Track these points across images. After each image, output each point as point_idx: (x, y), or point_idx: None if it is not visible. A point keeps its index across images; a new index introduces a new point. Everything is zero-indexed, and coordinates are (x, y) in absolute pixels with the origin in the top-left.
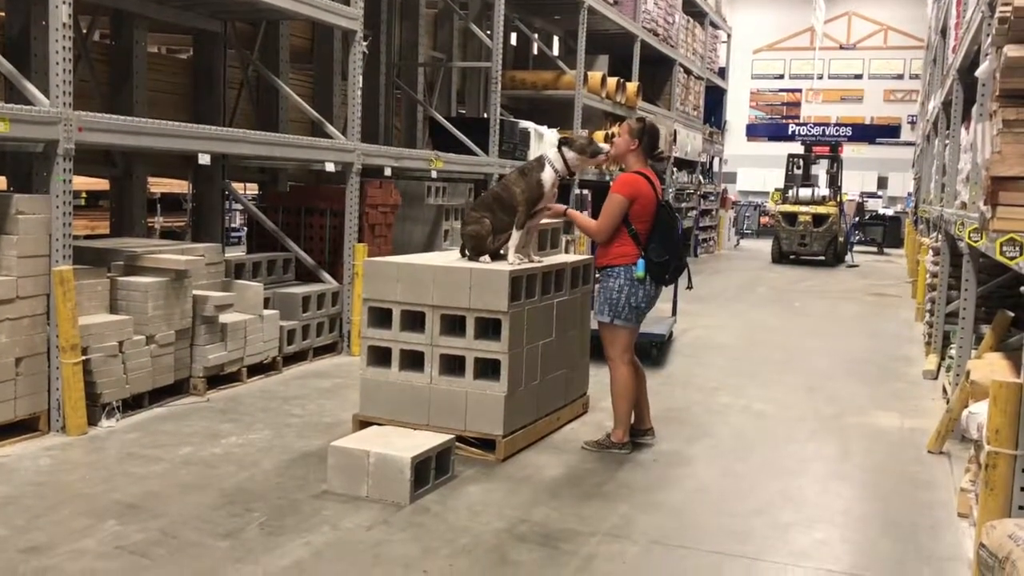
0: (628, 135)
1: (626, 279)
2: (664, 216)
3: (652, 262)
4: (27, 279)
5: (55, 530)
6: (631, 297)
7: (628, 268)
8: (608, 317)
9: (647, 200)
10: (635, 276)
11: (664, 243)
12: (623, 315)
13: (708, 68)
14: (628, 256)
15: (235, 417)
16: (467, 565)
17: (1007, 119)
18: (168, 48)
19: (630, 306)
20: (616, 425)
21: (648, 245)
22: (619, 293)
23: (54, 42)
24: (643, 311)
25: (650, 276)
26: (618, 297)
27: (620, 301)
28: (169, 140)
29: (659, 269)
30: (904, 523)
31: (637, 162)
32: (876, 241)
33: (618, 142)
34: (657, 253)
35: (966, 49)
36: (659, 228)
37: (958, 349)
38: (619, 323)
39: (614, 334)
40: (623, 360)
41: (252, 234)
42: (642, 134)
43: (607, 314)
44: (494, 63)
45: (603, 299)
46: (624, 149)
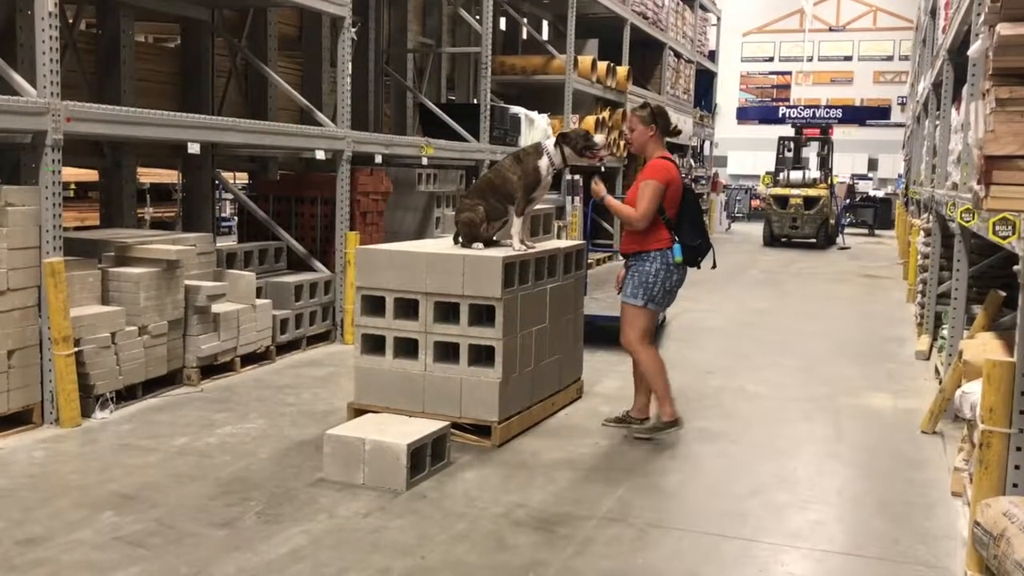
0: (642, 124)
1: (662, 263)
2: (690, 199)
3: (687, 246)
4: (17, 271)
5: (51, 522)
6: (666, 281)
7: (664, 253)
8: (642, 300)
9: (677, 185)
10: (673, 261)
11: (694, 226)
12: (657, 299)
13: (698, 51)
14: (663, 241)
15: (230, 407)
16: (464, 550)
17: (1000, 98)
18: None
19: (664, 290)
20: (661, 405)
21: (679, 229)
22: (655, 277)
23: (40, 32)
24: (674, 295)
25: (684, 260)
26: (654, 281)
27: (656, 285)
28: (158, 129)
29: (693, 252)
30: (898, 503)
31: (658, 147)
32: (867, 223)
33: (634, 136)
34: (690, 236)
35: (956, 29)
36: (687, 211)
37: (950, 329)
38: (652, 307)
39: (639, 317)
40: (644, 343)
41: (243, 223)
42: (654, 118)
43: (641, 297)
44: (483, 48)
45: (637, 283)
46: (643, 139)
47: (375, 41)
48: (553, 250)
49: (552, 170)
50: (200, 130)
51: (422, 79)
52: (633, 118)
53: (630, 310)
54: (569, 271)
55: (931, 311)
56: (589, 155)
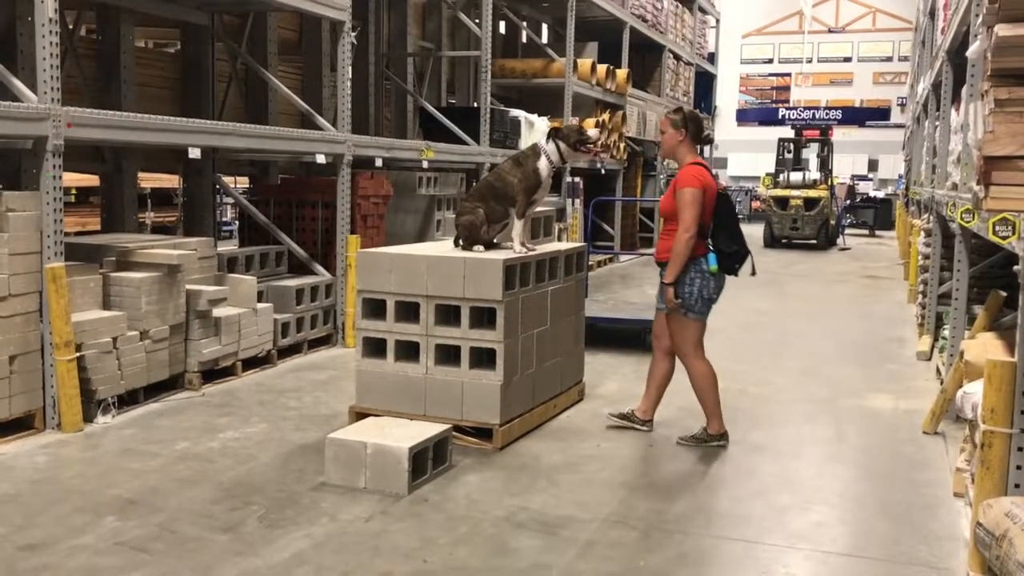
0: (672, 127)
1: (696, 272)
2: (725, 206)
3: (723, 253)
4: (19, 276)
5: (53, 527)
6: (703, 289)
7: (698, 261)
8: (682, 311)
9: (712, 190)
10: (709, 270)
11: (730, 233)
12: (696, 308)
13: (697, 53)
14: (697, 250)
15: (231, 411)
16: (467, 553)
17: (999, 98)
18: (155, 42)
19: (703, 298)
20: (709, 419)
21: (715, 236)
22: (691, 286)
23: (40, 38)
24: (714, 302)
25: (720, 268)
26: (690, 291)
27: (693, 295)
28: (158, 135)
29: (730, 260)
30: (900, 504)
31: (689, 152)
32: (867, 224)
33: (665, 139)
34: (726, 244)
35: (955, 30)
36: (722, 218)
37: (951, 330)
38: (692, 316)
39: (685, 328)
40: (697, 355)
41: (244, 227)
42: (686, 122)
43: (680, 308)
44: (483, 52)
45: (676, 293)
46: (673, 143)
47: (375, 45)
48: (554, 252)
49: (552, 170)
50: (201, 135)
51: (422, 83)
52: (664, 121)
53: (673, 321)
54: (570, 273)
55: (932, 311)
56: (584, 149)
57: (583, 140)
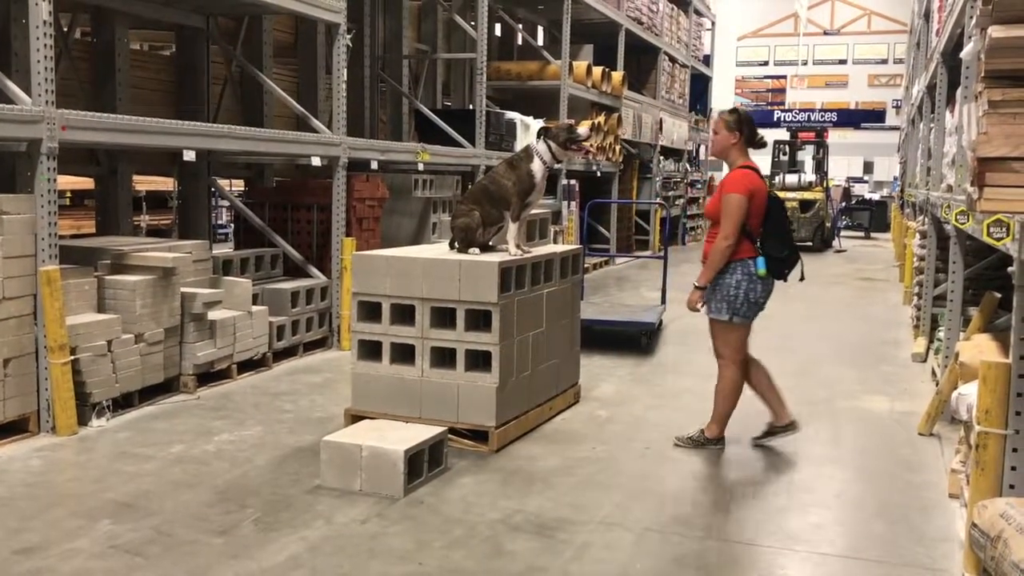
0: (726, 129)
1: (743, 275)
2: (775, 209)
3: (772, 258)
4: (13, 280)
5: (48, 531)
6: (749, 293)
7: (744, 263)
8: (727, 315)
9: (762, 195)
10: (757, 274)
11: (781, 237)
12: (741, 312)
13: (693, 56)
14: (744, 252)
15: (226, 414)
16: (462, 556)
17: (993, 100)
18: (151, 44)
19: (749, 302)
20: (712, 420)
21: (765, 240)
22: (736, 289)
23: (35, 40)
24: (761, 306)
25: (769, 272)
26: (735, 294)
27: (739, 298)
28: (153, 137)
29: (779, 265)
30: (896, 505)
31: (741, 155)
32: (863, 226)
33: (717, 139)
34: (776, 248)
35: (949, 32)
36: (772, 221)
37: (946, 331)
38: (737, 320)
39: (729, 332)
40: (735, 360)
41: (239, 230)
42: (741, 125)
43: (725, 312)
44: (479, 54)
45: (719, 297)
46: (725, 144)
47: (370, 47)
48: (549, 255)
49: (546, 171)
50: (196, 137)
51: (418, 85)
52: (719, 122)
53: (717, 326)
54: (566, 275)
55: (927, 313)
56: (575, 147)
57: (573, 139)
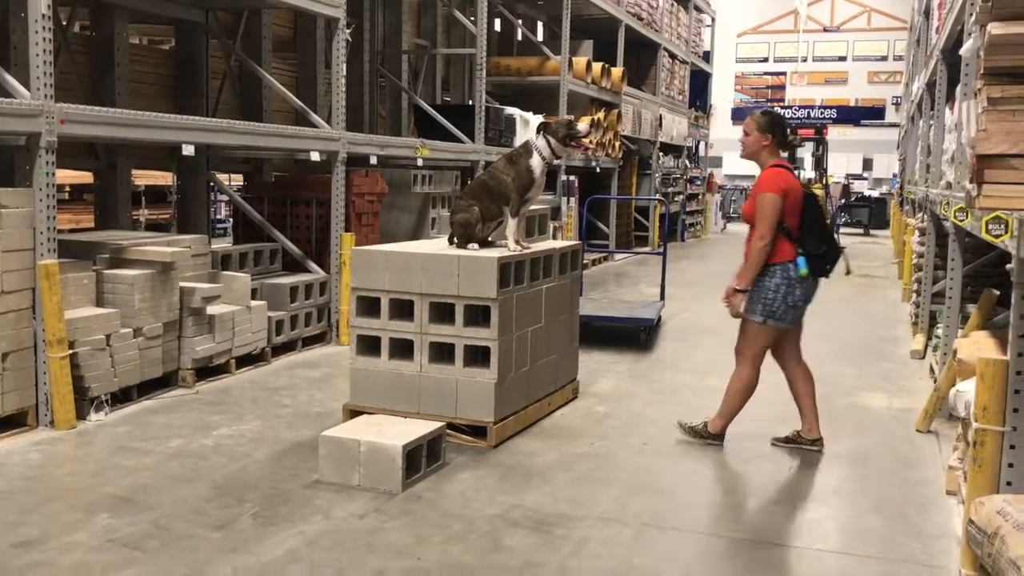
0: (758, 131)
1: (783, 278)
2: (811, 205)
3: (812, 255)
4: (12, 273)
5: (47, 524)
6: (788, 296)
7: (784, 266)
8: (761, 317)
9: (797, 193)
10: (798, 274)
11: (818, 233)
12: (778, 315)
13: (693, 52)
14: (783, 254)
15: (225, 409)
16: (460, 551)
17: (992, 97)
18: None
19: (787, 305)
20: (717, 415)
21: (803, 239)
22: (775, 292)
23: (34, 34)
24: (801, 309)
25: (811, 271)
26: (774, 297)
27: (776, 301)
28: (152, 131)
29: (819, 262)
30: (893, 502)
31: (772, 156)
32: (862, 223)
33: (748, 141)
34: (815, 245)
35: (949, 29)
36: (809, 219)
37: (945, 328)
38: (772, 324)
39: (758, 334)
40: (754, 363)
41: (238, 225)
42: (773, 127)
43: (760, 314)
44: (478, 50)
45: (756, 298)
46: (756, 146)
47: (370, 42)
48: (548, 250)
49: (545, 167)
50: (194, 132)
51: (417, 80)
52: (750, 122)
53: (749, 325)
54: (565, 271)
55: (926, 310)
56: (574, 144)
57: (572, 135)
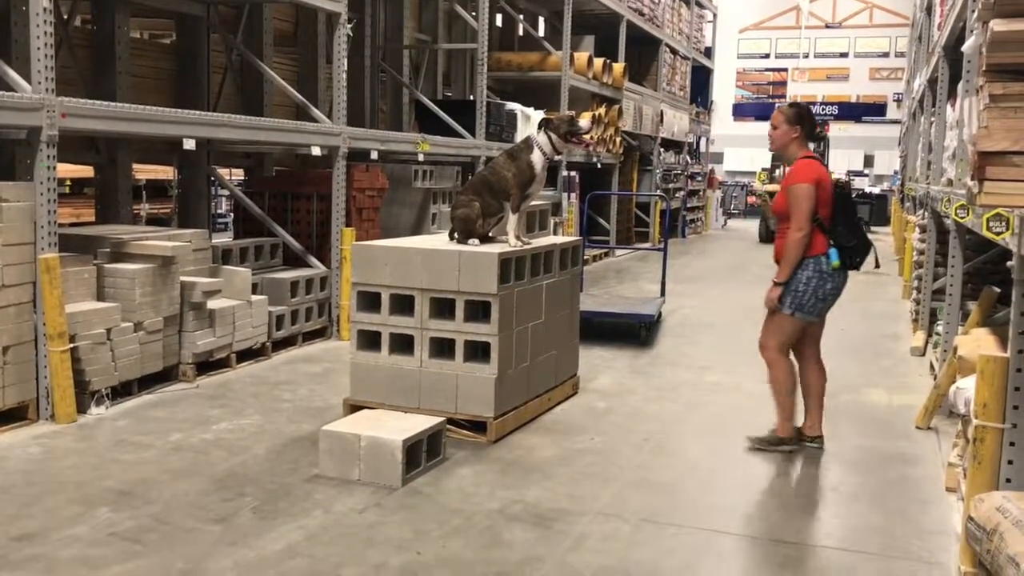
0: (787, 123)
1: (815, 271)
2: (842, 198)
3: (844, 248)
4: (12, 267)
5: (47, 517)
6: (819, 289)
7: (817, 260)
8: (789, 308)
9: (827, 183)
10: (831, 266)
11: (848, 225)
12: (806, 308)
13: (694, 48)
14: (816, 246)
15: (225, 403)
16: (460, 546)
17: (994, 94)
18: (151, 33)
19: (816, 298)
20: (781, 419)
21: (835, 230)
22: (806, 285)
23: (35, 27)
24: (829, 304)
25: (842, 263)
26: (804, 289)
27: (806, 294)
28: (153, 126)
29: (850, 253)
30: (893, 498)
31: (801, 148)
32: (863, 219)
33: (777, 134)
34: (845, 237)
35: (951, 26)
36: (840, 210)
37: (945, 325)
38: (799, 316)
39: (784, 325)
40: (782, 352)
41: (239, 220)
42: (801, 119)
43: (788, 306)
44: (480, 45)
45: (786, 290)
46: (786, 139)
47: (371, 37)
48: (549, 246)
49: (546, 162)
50: (195, 126)
51: (418, 75)
52: (778, 115)
53: (775, 316)
54: (565, 267)
55: (926, 307)
56: (575, 140)
57: (574, 131)
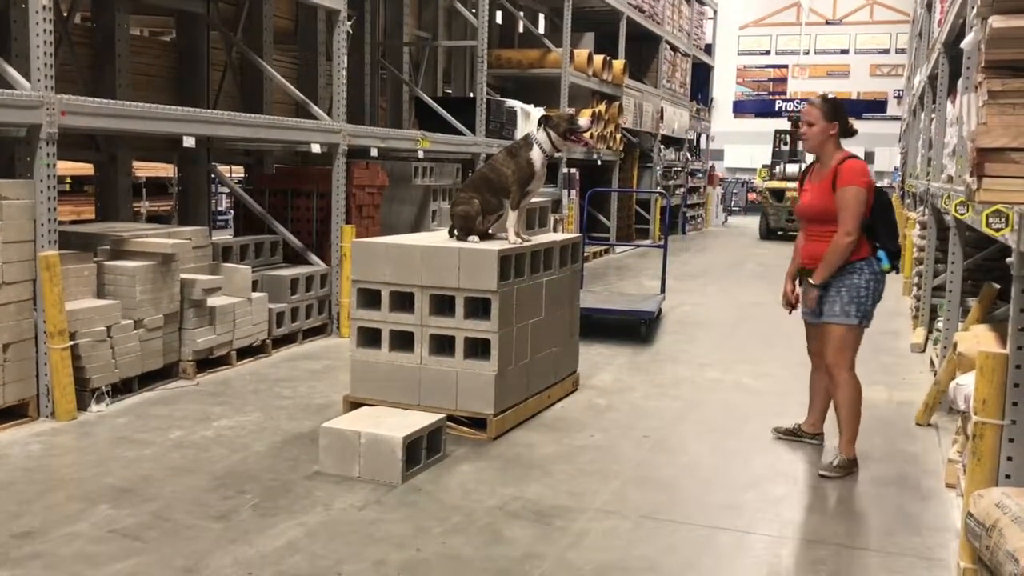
0: (824, 120)
1: (871, 273)
2: (881, 200)
3: (889, 251)
4: (12, 265)
5: (48, 515)
6: (876, 292)
7: (869, 262)
8: (856, 318)
9: (873, 186)
10: (882, 269)
11: (890, 229)
12: (870, 314)
13: (694, 45)
14: (862, 249)
15: (225, 400)
16: (460, 542)
17: (993, 90)
18: (151, 30)
19: (875, 302)
20: (848, 441)
21: (878, 233)
22: (867, 290)
23: (34, 25)
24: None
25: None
26: (867, 295)
27: (868, 299)
28: (153, 123)
29: (895, 257)
30: (893, 495)
31: (837, 147)
32: None
33: (813, 132)
34: (889, 241)
35: (951, 22)
36: (881, 214)
37: (945, 322)
38: (866, 323)
39: (851, 337)
40: (852, 368)
41: (239, 217)
42: (837, 113)
43: (855, 315)
44: (480, 42)
45: (847, 299)
46: (823, 136)
47: (371, 34)
48: (549, 243)
49: (545, 160)
50: (195, 124)
51: (418, 72)
52: (812, 110)
53: (840, 331)
54: (565, 264)
55: (927, 304)
56: (574, 138)
57: (573, 129)
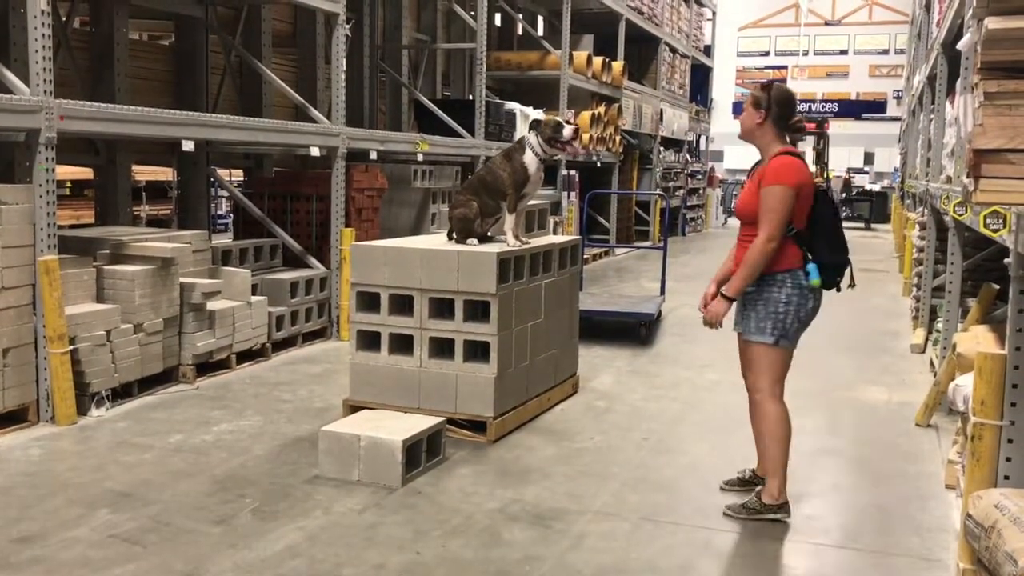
0: (752, 107)
1: (794, 288)
2: (825, 206)
3: (825, 265)
4: (12, 269)
5: (47, 519)
6: (800, 309)
7: (794, 274)
8: (772, 337)
9: (809, 189)
10: (809, 284)
11: (831, 239)
12: (790, 334)
13: (693, 46)
14: (791, 260)
15: (225, 404)
16: (460, 545)
17: (988, 91)
18: (149, 34)
19: (799, 321)
20: (769, 478)
21: (813, 243)
22: (787, 306)
23: (33, 29)
24: (805, 327)
25: (822, 281)
26: (786, 311)
27: (788, 315)
28: (152, 127)
29: (832, 272)
30: (892, 496)
31: (774, 140)
32: (863, 217)
33: (741, 119)
34: (828, 253)
35: (950, 23)
36: (821, 221)
37: (945, 322)
38: (784, 344)
39: (772, 359)
40: (776, 393)
41: (238, 221)
42: (769, 103)
43: (770, 333)
44: (479, 44)
45: (763, 314)
46: (749, 125)
47: (370, 37)
48: (548, 245)
49: (539, 162)
50: (194, 127)
51: (417, 75)
52: (748, 97)
53: (758, 350)
54: (564, 266)
55: (926, 304)
56: (558, 146)
57: (555, 137)
